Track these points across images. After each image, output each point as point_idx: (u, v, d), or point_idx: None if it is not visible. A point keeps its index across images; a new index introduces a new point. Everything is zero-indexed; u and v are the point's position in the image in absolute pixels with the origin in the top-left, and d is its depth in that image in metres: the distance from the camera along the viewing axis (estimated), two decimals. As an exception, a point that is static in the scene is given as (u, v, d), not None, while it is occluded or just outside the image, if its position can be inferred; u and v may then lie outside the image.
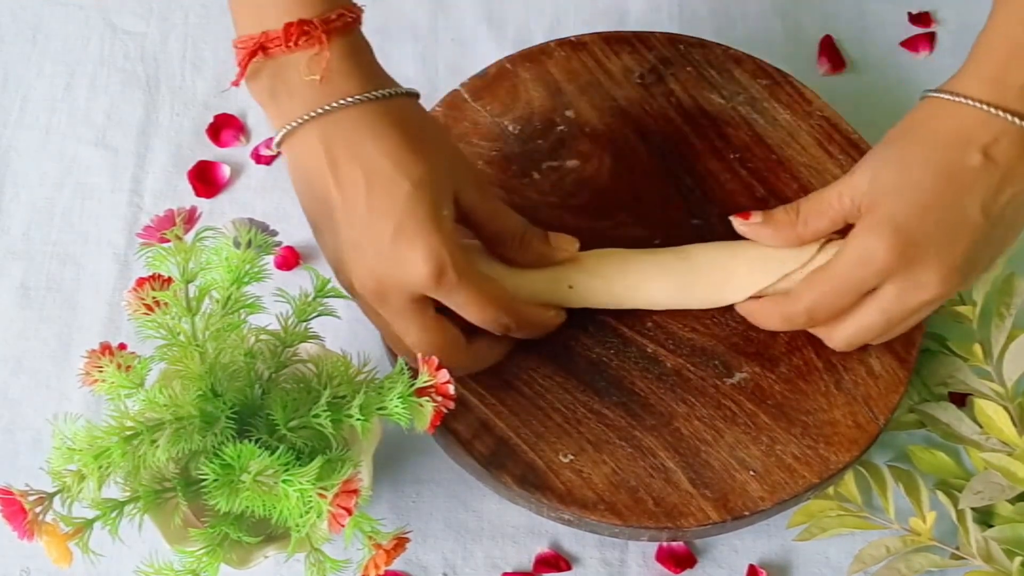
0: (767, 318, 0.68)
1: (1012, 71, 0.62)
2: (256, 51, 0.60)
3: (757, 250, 0.69)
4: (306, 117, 0.60)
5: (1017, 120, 0.61)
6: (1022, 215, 0.64)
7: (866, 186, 0.64)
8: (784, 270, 0.68)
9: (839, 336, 0.67)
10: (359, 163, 0.60)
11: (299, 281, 0.62)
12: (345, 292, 0.63)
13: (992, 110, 0.62)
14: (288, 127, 0.61)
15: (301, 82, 0.60)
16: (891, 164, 0.64)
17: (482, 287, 0.63)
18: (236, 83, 0.62)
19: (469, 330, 0.65)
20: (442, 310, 0.64)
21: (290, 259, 0.77)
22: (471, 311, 0.63)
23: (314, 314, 0.61)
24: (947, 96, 0.63)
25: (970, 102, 0.62)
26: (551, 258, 0.67)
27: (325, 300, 0.61)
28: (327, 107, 0.60)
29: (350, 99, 0.60)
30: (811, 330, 0.68)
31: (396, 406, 0.56)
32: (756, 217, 0.68)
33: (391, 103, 0.62)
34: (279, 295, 0.60)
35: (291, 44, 0.59)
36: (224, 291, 0.58)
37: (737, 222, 0.69)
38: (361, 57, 0.62)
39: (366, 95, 0.61)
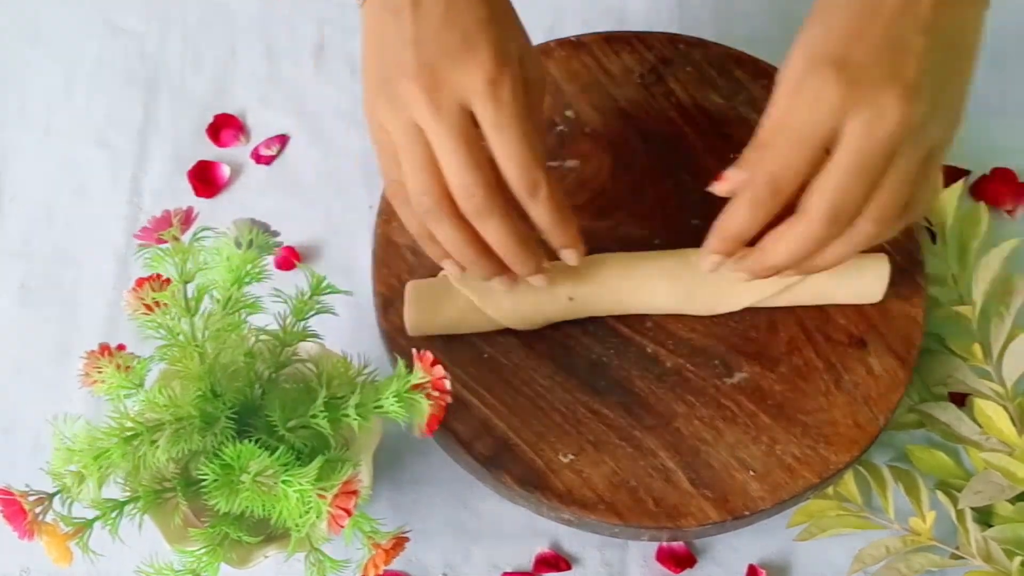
0: (740, 229, 0.61)
1: None
2: None
3: None
4: None
5: None
6: (964, 40, 0.60)
7: (800, 62, 0.60)
8: (789, 279, 0.67)
9: (819, 209, 0.58)
10: None
11: (299, 282, 0.62)
12: (386, 123, 0.61)
13: None
14: None
15: None
16: (816, 25, 0.61)
17: (528, 125, 0.61)
18: None
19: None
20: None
21: (290, 259, 0.77)
22: (509, 135, 0.60)
23: (311, 312, 0.61)
24: None
25: None
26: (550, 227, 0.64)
27: (322, 298, 0.61)
28: None
29: None
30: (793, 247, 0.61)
31: (392, 404, 0.56)
32: (729, 171, 0.62)
33: None
34: (276, 295, 0.60)
35: None
36: (225, 291, 0.58)
37: (715, 186, 0.63)
38: None
39: None
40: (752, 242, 0.62)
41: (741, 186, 0.61)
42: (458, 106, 0.60)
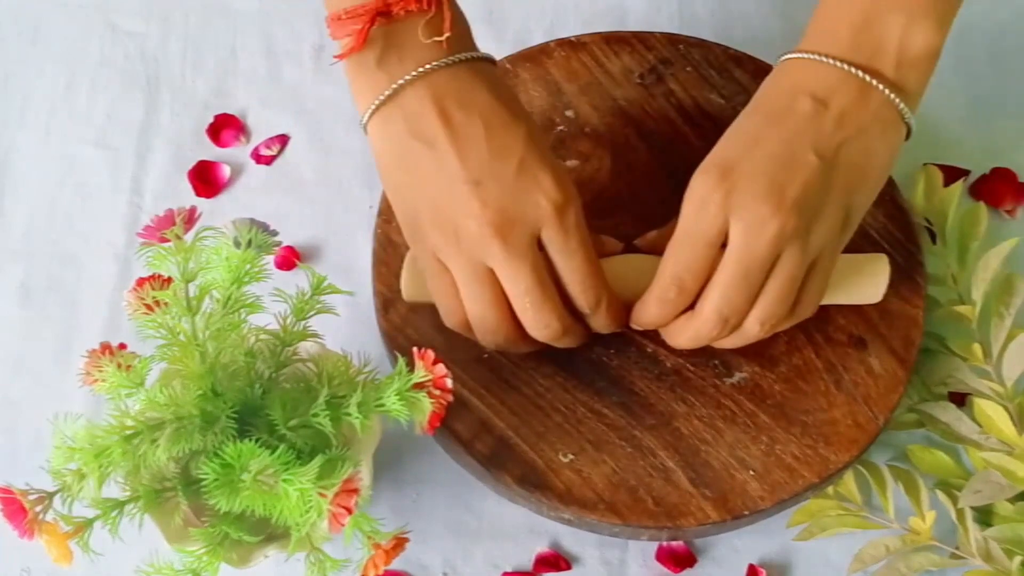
0: (653, 321, 0.65)
1: (840, 22, 0.63)
2: (374, 17, 0.60)
3: None
4: (414, 74, 0.61)
5: (847, 67, 0.61)
6: (869, 163, 0.62)
7: (706, 159, 0.63)
8: None
9: (708, 311, 0.62)
10: (476, 111, 0.61)
11: (299, 281, 0.62)
12: (436, 248, 0.62)
13: (821, 58, 0.62)
14: (391, 88, 0.61)
15: (415, 44, 0.61)
16: (736, 123, 0.64)
17: (590, 243, 0.63)
18: (350, 53, 0.61)
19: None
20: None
21: (290, 259, 0.77)
22: (578, 259, 0.62)
23: (312, 312, 0.61)
24: (784, 58, 0.65)
25: (801, 55, 0.63)
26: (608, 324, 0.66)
27: (322, 298, 0.61)
28: (445, 62, 0.61)
29: (464, 55, 0.62)
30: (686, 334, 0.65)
31: (394, 402, 0.56)
32: (652, 234, 0.69)
33: (492, 63, 0.65)
34: (277, 294, 0.60)
35: (415, 5, 0.60)
36: (224, 291, 0.58)
37: (638, 241, 0.69)
38: (463, 18, 0.64)
39: (475, 53, 0.63)
40: None
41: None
42: (530, 242, 0.61)
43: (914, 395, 0.73)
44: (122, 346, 0.58)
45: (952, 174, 0.80)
